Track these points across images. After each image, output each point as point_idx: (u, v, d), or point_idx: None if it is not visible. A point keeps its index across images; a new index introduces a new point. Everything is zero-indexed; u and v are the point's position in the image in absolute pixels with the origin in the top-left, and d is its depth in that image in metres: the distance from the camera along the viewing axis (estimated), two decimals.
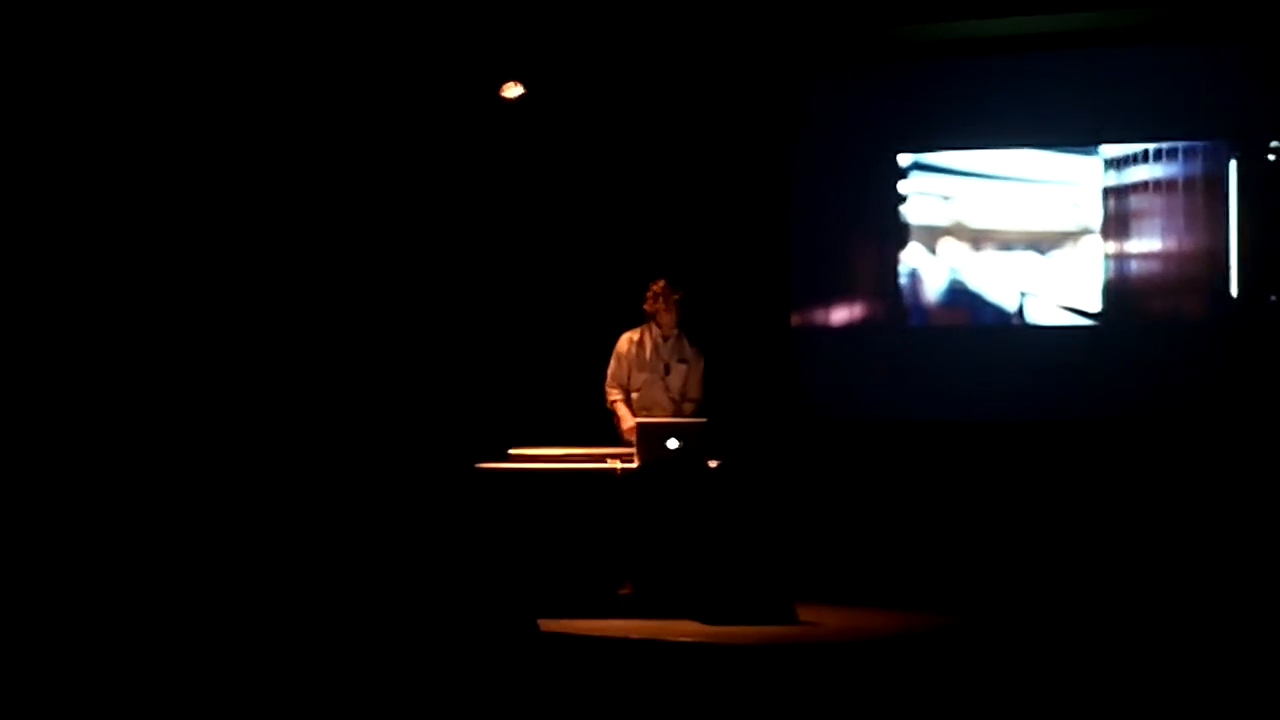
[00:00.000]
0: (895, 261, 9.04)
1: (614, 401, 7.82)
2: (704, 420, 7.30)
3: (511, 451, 7.41)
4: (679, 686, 6.10)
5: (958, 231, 8.95)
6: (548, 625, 6.70)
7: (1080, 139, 8.69)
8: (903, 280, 9.05)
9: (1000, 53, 8.81)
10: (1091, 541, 8.26)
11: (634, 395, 7.82)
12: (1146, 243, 8.63)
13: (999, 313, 8.89)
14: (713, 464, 7.25)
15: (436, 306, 9.03)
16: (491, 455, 7.40)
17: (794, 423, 9.09)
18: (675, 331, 7.78)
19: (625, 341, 7.85)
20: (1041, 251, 8.80)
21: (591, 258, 9.02)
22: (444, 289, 9.07)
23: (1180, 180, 8.56)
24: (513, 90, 8.88)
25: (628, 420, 7.65)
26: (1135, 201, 8.64)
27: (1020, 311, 8.85)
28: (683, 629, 6.81)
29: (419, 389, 8.90)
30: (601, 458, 7.33)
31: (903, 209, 9.04)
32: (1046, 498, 8.49)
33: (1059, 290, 8.76)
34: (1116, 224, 8.66)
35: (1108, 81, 8.61)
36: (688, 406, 7.76)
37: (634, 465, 7.22)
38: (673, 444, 7.17)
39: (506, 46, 8.82)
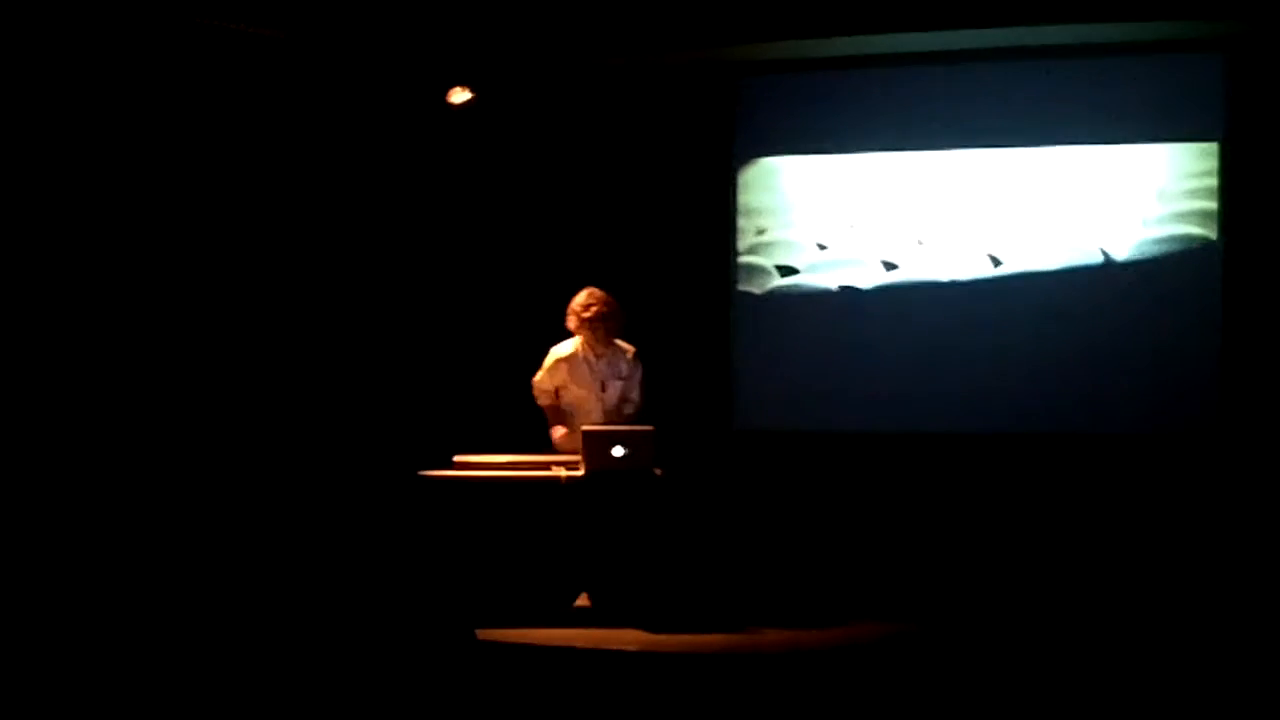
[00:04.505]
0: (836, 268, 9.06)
1: (548, 406, 7.70)
2: (650, 428, 7.24)
3: (456, 459, 7.35)
4: (623, 695, 6.06)
5: (907, 236, 8.96)
6: (492, 635, 6.64)
7: (1027, 141, 8.74)
8: (848, 286, 9.04)
9: (942, 63, 8.87)
10: (1042, 552, 8.30)
11: (567, 408, 7.70)
12: (1122, 245, 8.69)
13: (951, 319, 8.86)
14: (658, 472, 7.21)
15: (381, 312, 8.97)
16: (436, 463, 7.34)
17: (735, 434, 9.09)
18: (607, 349, 7.65)
19: (554, 358, 7.67)
20: (999, 258, 8.81)
21: (536, 263, 9.00)
22: (389, 294, 9.01)
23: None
24: (460, 95, 8.83)
25: (560, 431, 7.58)
26: (1099, 206, 8.68)
27: (973, 318, 8.83)
28: (628, 637, 6.77)
29: (363, 395, 8.83)
30: (547, 465, 7.28)
31: (846, 213, 9.04)
32: (994, 508, 8.54)
33: (1014, 297, 8.76)
34: (1084, 228, 8.69)
35: (1059, 89, 8.70)
36: (627, 408, 7.68)
37: (580, 473, 7.16)
38: (618, 452, 7.13)
39: (446, 54, 8.78)
